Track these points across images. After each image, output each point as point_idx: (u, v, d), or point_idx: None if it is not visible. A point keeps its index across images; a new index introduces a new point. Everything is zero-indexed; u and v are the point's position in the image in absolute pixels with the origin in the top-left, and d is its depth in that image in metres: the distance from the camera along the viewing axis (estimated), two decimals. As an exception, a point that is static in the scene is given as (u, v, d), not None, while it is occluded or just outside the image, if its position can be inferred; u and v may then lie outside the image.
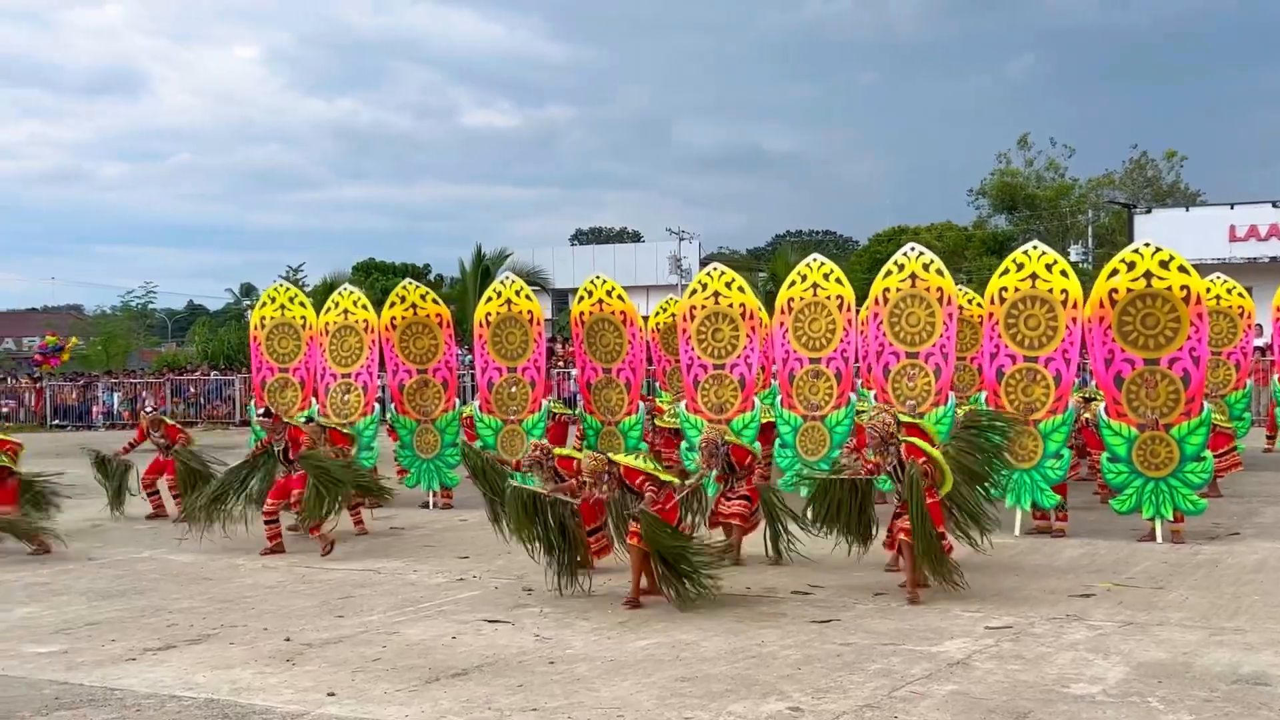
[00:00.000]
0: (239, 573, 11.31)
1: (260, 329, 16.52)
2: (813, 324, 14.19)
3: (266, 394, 16.36)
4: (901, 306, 13.43)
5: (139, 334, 59.09)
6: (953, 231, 49.07)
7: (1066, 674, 7.21)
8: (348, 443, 14.34)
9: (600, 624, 8.75)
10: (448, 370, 16.11)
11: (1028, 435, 12.34)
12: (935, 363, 13.27)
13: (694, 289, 14.81)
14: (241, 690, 7.26)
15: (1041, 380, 12.41)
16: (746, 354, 14.33)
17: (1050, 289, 12.48)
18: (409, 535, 13.46)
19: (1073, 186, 47.83)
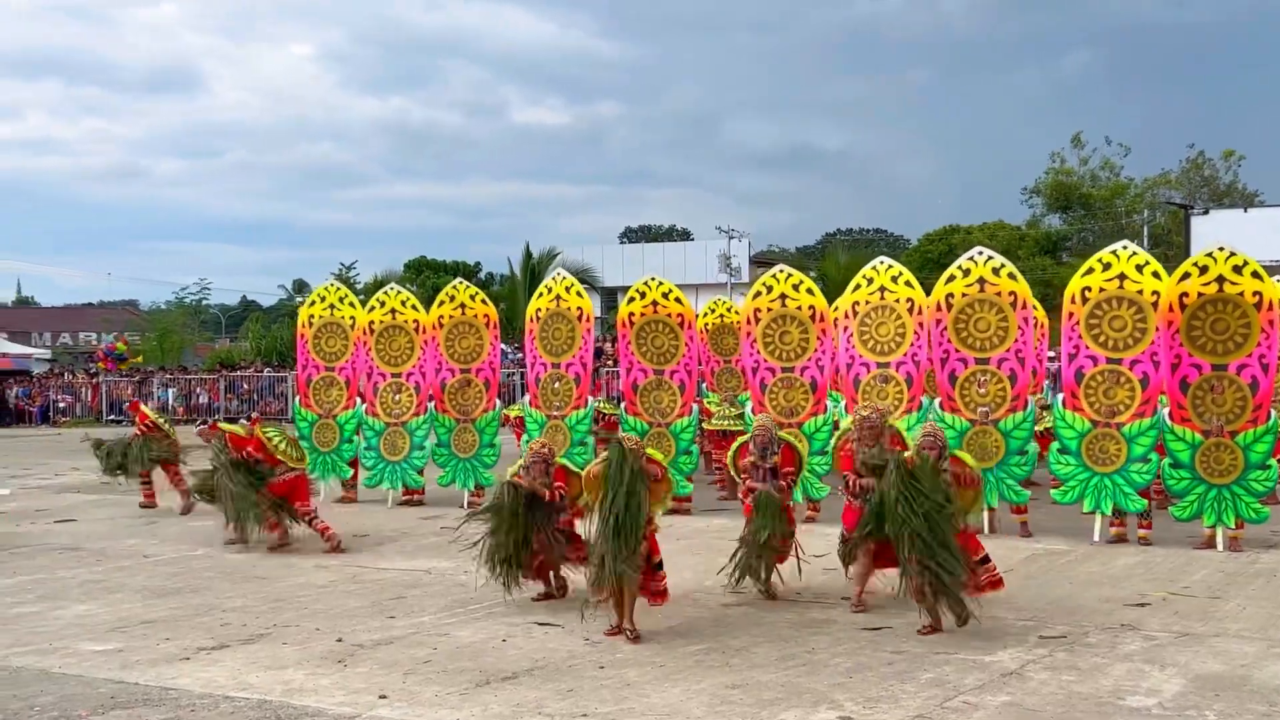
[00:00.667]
0: (292, 571, 11.40)
1: (308, 327, 16.72)
2: (880, 328, 13.73)
3: (312, 391, 16.56)
4: (968, 312, 13.11)
5: (193, 330, 59.69)
6: (1005, 231, 48.64)
7: (1122, 686, 7.12)
8: (254, 445, 13.90)
9: (652, 628, 8.73)
10: (491, 371, 16.19)
11: (1109, 439, 12.17)
12: (1010, 368, 12.95)
13: (759, 291, 14.60)
14: (294, 691, 7.31)
15: (1126, 383, 12.22)
16: (817, 357, 14.17)
17: (1140, 290, 12.27)
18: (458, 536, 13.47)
19: (1128, 186, 47.35)
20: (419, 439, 16.06)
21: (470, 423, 15.90)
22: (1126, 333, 12.30)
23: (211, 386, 39.19)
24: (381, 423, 16.21)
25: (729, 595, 9.87)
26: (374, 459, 16.24)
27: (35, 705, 7.08)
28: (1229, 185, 48.06)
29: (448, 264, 54.38)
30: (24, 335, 63.40)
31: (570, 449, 15.27)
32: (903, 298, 13.51)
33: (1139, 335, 12.26)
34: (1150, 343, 12.22)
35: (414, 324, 16.23)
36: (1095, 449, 12.27)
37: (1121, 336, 12.31)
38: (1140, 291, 12.28)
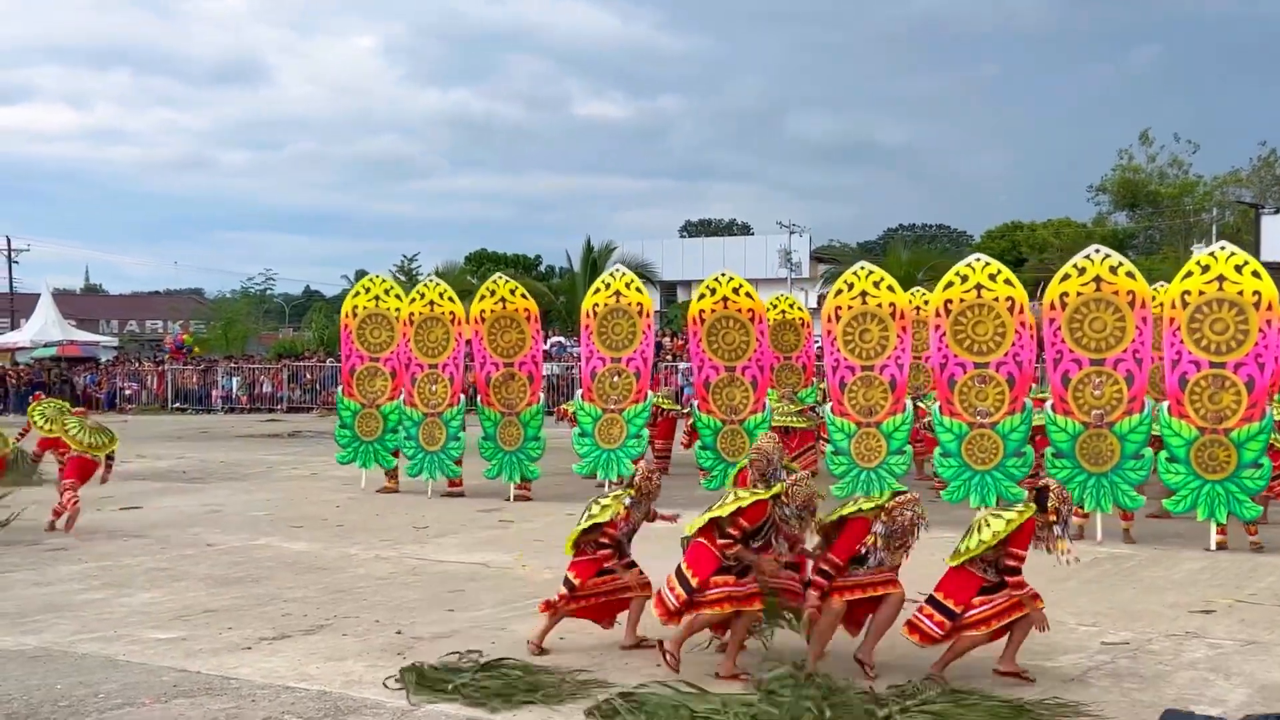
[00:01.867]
0: (352, 563, 11.50)
1: (352, 317, 16.94)
2: (977, 326, 13.31)
3: (355, 381, 16.76)
4: (1084, 311, 12.80)
5: (258, 319, 60.39)
6: (1070, 228, 48.08)
7: (1186, 695, 7.02)
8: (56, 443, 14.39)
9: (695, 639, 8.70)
10: (534, 365, 16.25)
11: (1219, 445, 12.00)
12: (1127, 369, 12.68)
13: (839, 289, 14.44)
14: (353, 683, 7.37)
15: (1231, 387, 12.02)
16: (897, 354, 14.03)
17: (1240, 291, 12.05)
18: (517, 529, 13.56)
19: (1197, 184, 46.62)
20: (454, 430, 16.18)
21: (515, 416, 15.96)
22: (1228, 335, 12.06)
23: (275, 375, 39.60)
24: (420, 413, 16.33)
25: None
26: (414, 449, 16.37)
27: (100, 692, 7.19)
28: (1301, 183, 47.17)
29: (508, 256, 54.61)
30: (92, 323, 64.35)
31: (626, 441, 15.30)
32: (1002, 296, 13.19)
33: (1242, 337, 11.98)
34: (1255, 344, 11.94)
35: (450, 315, 16.37)
36: (1204, 456, 12.07)
37: (1224, 339, 12.07)
38: (1241, 293, 12.03)
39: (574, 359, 34.86)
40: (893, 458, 13.80)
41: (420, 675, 7.26)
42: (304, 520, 14.19)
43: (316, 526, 13.73)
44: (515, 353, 16.16)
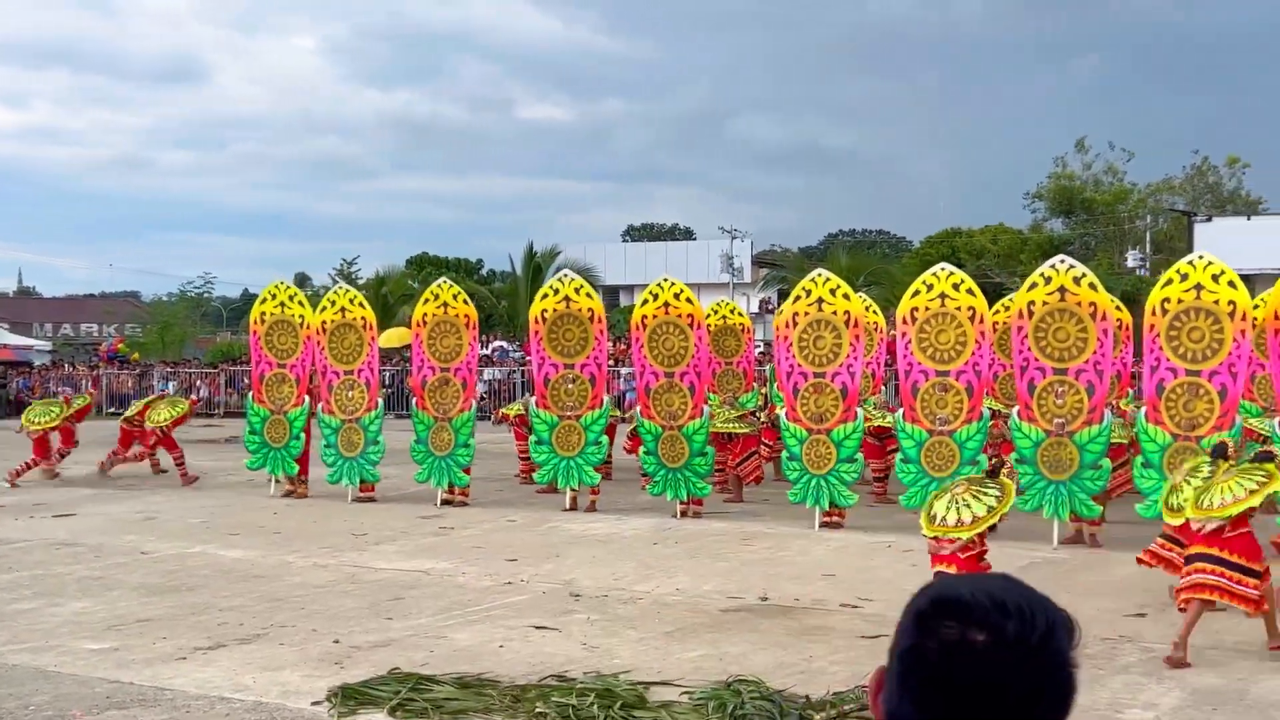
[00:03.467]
0: (289, 570, 11.39)
1: (260, 324, 16.88)
2: (940, 335, 13.44)
3: (265, 388, 16.71)
4: (1048, 321, 12.93)
5: (195, 322, 59.63)
6: (1007, 235, 48.51)
7: (1119, 699, 7.11)
8: None
9: (647, 634, 8.72)
10: (469, 371, 16.20)
11: (1190, 452, 12.13)
12: (1088, 380, 12.82)
13: (798, 294, 14.48)
14: (290, 694, 7.30)
15: (1205, 395, 12.14)
16: (850, 362, 14.08)
17: (1216, 300, 12.17)
18: (457, 536, 13.49)
19: (1131, 191, 47.22)
20: (372, 434, 16.13)
21: (447, 421, 15.90)
22: (1204, 344, 12.17)
23: (212, 380, 39.15)
24: (338, 420, 16.24)
25: (727, 601, 9.85)
26: (333, 456, 16.28)
27: (30, 704, 7.07)
28: (1233, 192, 47.92)
29: (450, 260, 54.30)
30: (25, 326, 63.22)
31: (585, 449, 15.21)
32: (964, 305, 13.32)
33: (1217, 346, 12.11)
34: (1227, 354, 12.07)
35: (363, 321, 16.35)
36: (1176, 462, 12.19)
37: (1200, 348, 12.18)
38: (1217, 302, 12.14)
39: (516, 363, 34.75)
40: (843, 465, 13.83)
41: (350, 694, 7.18)
42: (241, 527, 14.04)
43: (253, 534, 13.59)
44: (452, 358, 16.09)
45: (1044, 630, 1.50)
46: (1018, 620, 1.49)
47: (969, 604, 1.51)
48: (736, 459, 16.43)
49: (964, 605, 1.51)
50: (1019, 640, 1.48)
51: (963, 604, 1.51)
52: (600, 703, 6.70)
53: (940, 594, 1.55)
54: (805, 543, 12.85)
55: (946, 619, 1.50)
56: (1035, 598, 1.55)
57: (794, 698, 6.87)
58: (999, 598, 1.51)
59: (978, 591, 1.52)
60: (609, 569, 11.29)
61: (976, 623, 1.49)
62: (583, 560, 11.78)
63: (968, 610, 1.50)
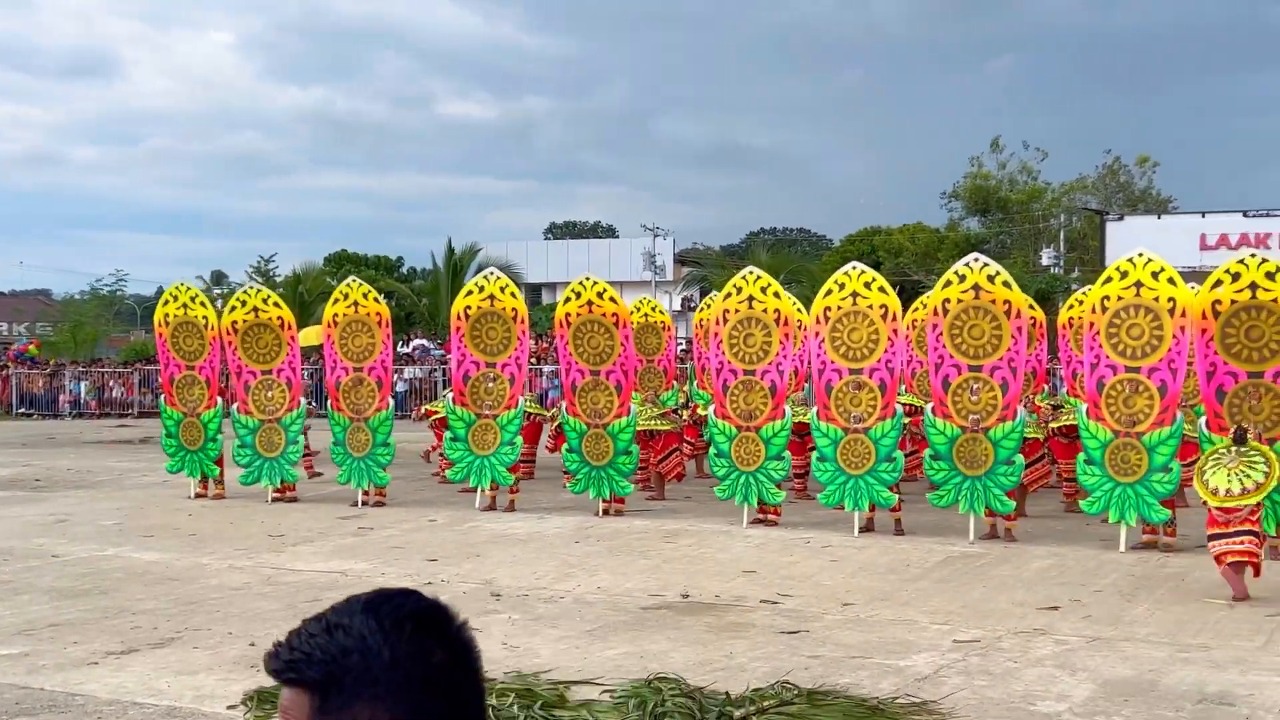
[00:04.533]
0: (205, 573, 11.22)
1: (165, 326, 16.64)
2: (852, 333, 13.51)
3: (175, 390, 16.49)
4: (963, 318, 13.08)
5: (108, 321, 58.55)
6: (925, 233, 49.13)
7: (1033, 691, 7.22)
8: None
9: (568, 632, 8.71)
10: (383, 370, 16.08)
11: (1130, 449, 12.31)
12: (1002, 376, 12.98)
13: (728, 292, 14.52)
14: (204, 698, 7.19)
15: (1145, 391, 12.30)
16: (779, 360, 14.12)
17: (1156, 297, 12.30)
18: (377, 536, 13.38)
19: (1045, 190, 48.00)
20: (293, 434, 15.98)
21: (364, 421, 15.78)
22: (1144, 341, 12.31)
23: (126, 380, 38.45)
24: (256, 420, 16.06)
25: (648, 598, 9.87)
26: (250, 456, 16.08)
27: (-65, 713, 6.90)
28: (1144, 191, 48.90)
29: (369, 258, 53.82)
30: (-69, 325, 61.74)
31: (499, 448, 15.13)
32: (876, 304, 13.44)
33: (1157, 343, 12.26)
34: (1168, 350, 12.21)
35: (279, 320, 16.17)
36: (1118, 459, 12.39)
37: (1139, 345, 12.31)
38: (1157, 299, 12.29)
39: (436, 362, 34.54)
40: (771, 462, 13.89)
41: (266, 698, 7.08)
42: (155, 529, 13.81)
43: (168, 536, 13.37)
44: (366, 357, 15.94)
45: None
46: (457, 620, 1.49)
47: (436, 605, 1.48)
48: (659, 456, 16.47)
49: (436, 609, 1.48)
50: (461, 636, 1.48)
51: (435, 608, 1.48)
52: (520, 702, 6.67)
53: (416, 604, 1.49)
54: (726, 539, 12.91)
55: (435, 625, 1.46)
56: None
57: (714, 694, 6.89)
58: (433, 599, 1.49)
59: (423, 599, 1.49)
60: (530, 568, 11.26)
61: (443, 620, 1.47)
62: (503, 559, 11.74)
63: (443, 612, 1.48)
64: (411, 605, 1.47)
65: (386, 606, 1.46)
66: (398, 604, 1.47)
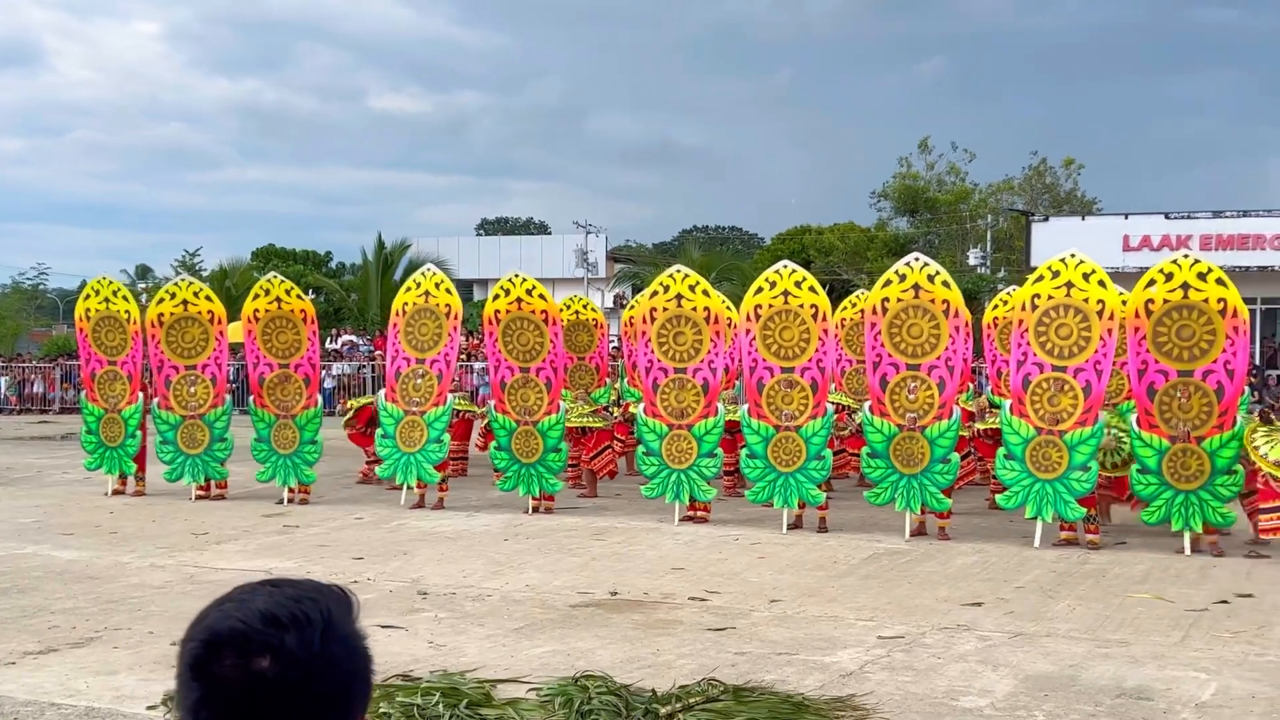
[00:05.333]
0: (126, 571, 11.04)
1: (86, 321, 16.39)
2: (784, 332, 13.55)
3: (96, 386, 16.25)
4: (902, 317, 13.17)
5: (29, 315, 57.46)
6: (855, 232, 49.53)
7: (956, 686, 7.30)
8: None
9: (495, 631, 8.68)
10: (310, 367, 15.94)
11: (1052, 446, 12.44)
12: (939, 376, 13.09)
13: (655, 290, 14.48)
14: (124, 699, 7.08)
15: (1070, 390, 12.41)
16: (710, 358, 14.10)
17: (1086, 298, 12.47)
18: (302, 534, 13.25)
19: (973, 191, 48.55)
20: (219, 431, 15.78)
21: (290, 419, 15.62)
22: (1072, 341, 12.42)
23: (47, 375, 37.77)
24: (177, 416, 15.86)
25: (576, 596, 9.86)
26: (172, 453, 15.88)
27: None
28: (1069, 192, 49.60)
29: (297, 252, 53.23)
30: None
31: (426, 445, 15.03)
32: (807, 303, 13.49)
33: (1084, 343, 12.40)
34: (1095, 350, 12.37)
35: (209, 315, 15.96)
36: (1039, 456, 12.53)
37: (1067, 344, 12.43)
38: (1086, 300, 12.44)
39: (365, 358, 34.27)
40: (703, 460, 13.91)
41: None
42: (75, 527, 13.57)
43: (89, 534, 13.15)
44: (291, 354, 15.77)
45: (323, 626, 1.49)
46: (295, 630, 1.47)
47: (243, 632, 1.46)
48: (590, 454, 16.46)
49: (239, 635, 1.46)
50: (304, 648, 1.46)
51: (237, 634, 1.46)
52: (445, 701, 6.64)
53: (211, 632, 1.49)
54: (656, 537, 12.93)
55: (224, 656, 1.46)
56: (304, 595, 1.51)
57: (641, 692, 6.90)
58: (270, 612, 1.47)
59: (247, 615, 1.48)
60: (458, 566, 11.21)
61: (256, 650, 1.45)
62: (431, 558, 11.68)
63: (244, 639, 1.46)
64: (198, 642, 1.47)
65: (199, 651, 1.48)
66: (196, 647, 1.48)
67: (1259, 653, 8.07)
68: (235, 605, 1.50)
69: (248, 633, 1.45)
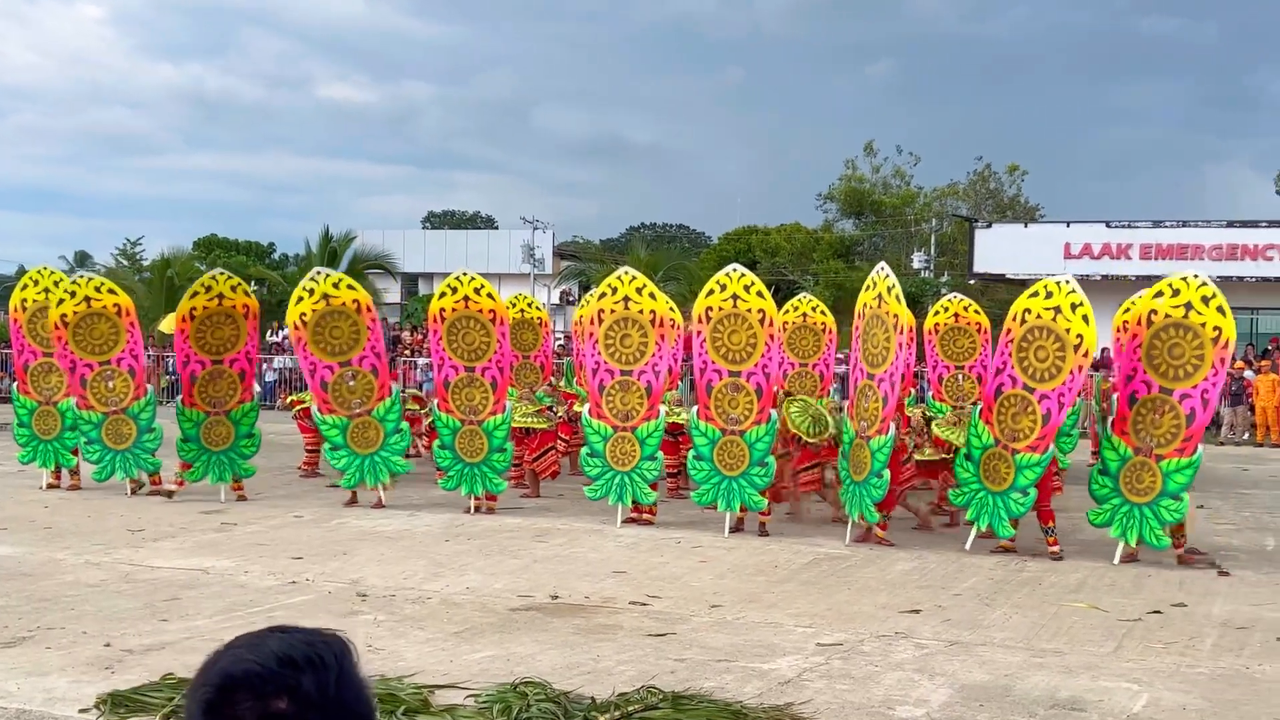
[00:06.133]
0: (59, 569, 10.88)
1: (21, 311, 16.17)
2: (732, 336, 13.62)
3: (30, 378, 16.04)
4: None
5: (-37, 301, 56.61)
6: (801, 234, 49.78)
7: (893, 695, 7.35)
8: None
9: (435, 634, 8.64)
10: (247, 360, 15.75)
11: (1002, 460, 12.56)
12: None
13: (603, 292, 14.42)
14: (56, 701, 6.98)
15: (1031, 413, 12.44)
16: (654, 361, 14.06)
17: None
18: (240, 532, 13.11)
19: (917, 195, 48.94)
20: (145, 422, 15.57)
21: (224, 414, 15.43)
22: (1048, 365, 12.39)
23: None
24: (99, 414, 15.56)
25: (517, 599, 9.83)
26: (99, 452, 15.61)
27: None
28: (1012, 198, 50.15)
29: (240, 243, 52.71)
30: None
31: (490, 455, 14.81)
32: (755, 308, 13.64)
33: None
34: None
35: (116, 308, 15.63)
36: (990, 468, 12.69)
37: (1044, 368, 12.41)
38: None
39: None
40: (645, 462, 13.91)
41: (120, 701, 6.90)
42: (7, 522, 13.36)
43: (22, 529, 12.94)
44: (227, 349, 15.50)
45: (337, 670, 1.51)
46: (311, 672, 1.49)
47: (259, 674, 1.48)
48: (533, 454, 16.41)
49: (254, 677, 1.48)
50: (320, 690, 1.48)
51: (253, 676, 1.48)
52: (384, 709, 6.60)
53: (225, 675, 1.50)
54: (598, 539, 12.93)
55: (241, 700, 1.46)
56: (315, 639, 1.53)
57: (580, 699, 6.90)
58: (286, 654, 1.49)
59: (262, 658, 1.49)
60: (398, 567, 11.14)
61: (273, 692, 1.46)
62: (371, 558, 11.60)
63: (261, 681, 1.47)
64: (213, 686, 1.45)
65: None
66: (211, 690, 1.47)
67: (1190, 664, 8.20)
68: (247, 649, 1.50)
69: (264, 674, 1.45)
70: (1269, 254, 32.15)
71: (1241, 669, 8.11)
